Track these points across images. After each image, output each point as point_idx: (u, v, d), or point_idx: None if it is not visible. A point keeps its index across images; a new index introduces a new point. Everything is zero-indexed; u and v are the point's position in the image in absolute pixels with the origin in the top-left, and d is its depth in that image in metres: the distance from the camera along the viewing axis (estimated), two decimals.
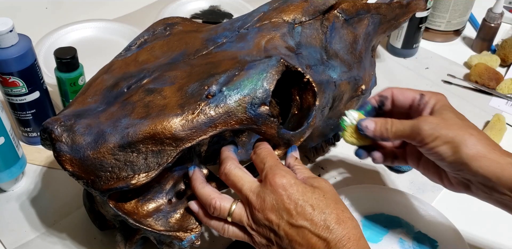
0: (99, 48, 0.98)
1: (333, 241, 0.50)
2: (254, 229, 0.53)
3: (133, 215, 0.57)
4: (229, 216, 0.54)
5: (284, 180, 0.52)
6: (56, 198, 0.73)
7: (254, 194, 0.53)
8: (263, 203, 0.52)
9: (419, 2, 0.79)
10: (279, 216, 0.52)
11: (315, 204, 0.52)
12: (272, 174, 0.53)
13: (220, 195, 0.55)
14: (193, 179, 0.57)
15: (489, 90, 0.95)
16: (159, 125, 0.54)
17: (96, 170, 0.55)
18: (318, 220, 0.51)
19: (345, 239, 0.50)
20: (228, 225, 0.55)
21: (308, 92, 0.62)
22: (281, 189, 0.52)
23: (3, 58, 0.68)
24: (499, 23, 1.00)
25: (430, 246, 0.69)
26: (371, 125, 0.61)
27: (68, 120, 0.57)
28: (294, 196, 0.52)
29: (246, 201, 0.53)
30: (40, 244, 0.68)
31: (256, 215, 0.52)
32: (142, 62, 0.64)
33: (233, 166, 0.56)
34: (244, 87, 0.56)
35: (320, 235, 0.51)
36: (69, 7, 1.11)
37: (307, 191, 0.52)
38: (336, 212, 0.52)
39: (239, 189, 0.54)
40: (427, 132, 0.57)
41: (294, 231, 0.51)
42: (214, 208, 0.54)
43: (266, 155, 0.56)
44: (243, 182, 0.54)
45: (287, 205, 0.51)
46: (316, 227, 0.51)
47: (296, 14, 0.66)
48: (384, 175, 0.80)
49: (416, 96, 0.62)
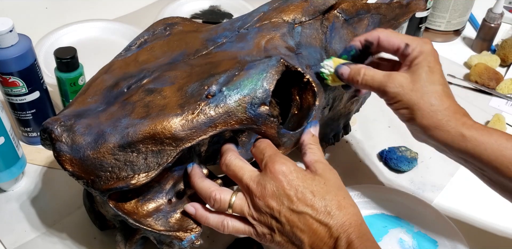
0: (99, 48, 0.98)
1: (334, 226, 0.51)
2: (255, 218, 0.53)
3: (133, 215, 0.57)
4: (230, 208, 0.54)
5: (284, 167, 0.53)
6: (56, 198, 0.74)
7: (254, 182, 0.53)
8: (263, 190, 0.52)
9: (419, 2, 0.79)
10: (280, 203, 0.52)
11: (315, 190, 0.52)
12: (271, 162, 0.53)
13: (219, 187, 0.55)
14: (192, 175, 0.58)
15: (489, 90, 0.95)
16: (159, 124, 0.54)
17: (96, 170, 0.55)
18: (319, 206, 0.51)
19: (347, 224, 0.51)
20: (227, 221, 0.55)
21: (308, 92, 0.62)
22: (281, 176, 0.52)
23: (3, 58, 0.68)
24: (499, 23, 1.00)
25: (430, 246, 0.69)
26: (346, 72, 0.60)
27: (68, 120, 0.57)
28: (294, 182, 0.52)
29: (247, 190, 0.54)
30: (40, 244, 0.68)
31: (257, 203, 0.53)
32: (142, 62, 0.64)
33: (233, 156, 0.56)
34: (244, 87, 0.56)
35: (321, 220, 0.51)
36: (69, 7, 1.11)
37: (308, 178, 0.53)
38: (337, 198, 0.52)
39: (239, 179, 0.54)
40: (391, 93, 0.58)
41: (295, 217, 0.51)
42: (214, 200, 0.54)
43: (265, 146, 0.56)
44: (243, 171, 0.54)
45: (287, 191, 0.52)
46: (317, 213, 0.51)
47: (296, 14, 0.66)
48: (384, 175, 0.80)
49: (401, 45, 0.59)
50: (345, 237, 0.50)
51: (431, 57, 0.58)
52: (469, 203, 0.76)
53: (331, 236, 0.51)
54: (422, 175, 0.80)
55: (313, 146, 0.58)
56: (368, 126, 0.87)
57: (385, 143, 0.84)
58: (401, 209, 0.73)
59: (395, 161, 0.79)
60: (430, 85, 0.57)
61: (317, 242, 0.51)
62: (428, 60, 0.58)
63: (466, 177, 0.80)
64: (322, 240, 0.51)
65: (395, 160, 0.79)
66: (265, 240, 0.54)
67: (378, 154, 0.82)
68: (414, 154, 0.80)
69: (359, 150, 0.83)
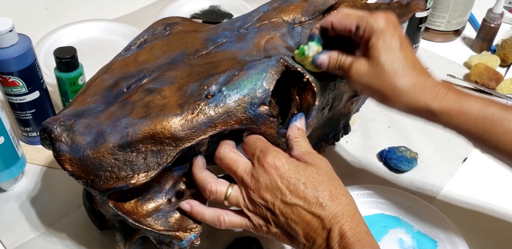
0: (99, 48, 0.98)
1: (326, 218, 0.51)
2: (250, 210, 0.54)
3: (132, 215, 0.57)
4: (226, 200, 0.55)
5: (275, 160, 0.53)
6: (56, 198, 0.74)
7: (248, 175, 0.53)
8: (257, 183, 0.53)
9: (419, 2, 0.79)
10: (274, 195, 0.52)
11: (307, 181, 0.52)
12: (263, 155, 0.54)
13: (216, 179, 0.56)
14: (194, 164, 0.58)
15: (489, 90, 0.95)
16: (159, 124, 0.54)
17: (96, 169, 0.55)
18: (310, 198, 0.52)
19: (339, 216, 0.51)
20: (223, 216, 0.55)
21: (308, 92, 0.62)
22: (272, 169, 0.53)
23: (3, 58, 0.68)
24: (499, 23, 1.00)
25: (430, 246, 0.69)
26: (322, 61, 0.59)
27: (67, 120, 0.57)
28: (286, 175, 0.52)
29: (241, 183, 0.54)
30: (40, 244, 0.68)
31: (251, 196, 0.53)
32: (142, 62, 0.64)
33: (227, 149, 0.56)
34: (243, 87, 0.56)
35: (314, 212, 0.51)
36: (69, 7, 1.11)
37: (300, 169, 0.53)
38: (329, 189, 0.52)
39: (234, 171, 0.55)
40: (355, 82, 0.57)
41: (288, 209, 0.52)
42: (210, 191, 0.55)
43: (255, 141, 0.56)
44: (237, 164, 0.55)
45: (279, 184, 0.52)
46: (309, 204, 0.51)
47: (296, 14, 0.66)
48: (384, 175, 0.80)
49: (352, 28, 0.57)
50: (338, 228, 0.50)
51: (385, 34, 0.55)
52: (469, 203, 0.76)
53: (324, 228, 0.51)
54: (422, 175, 0.80)
55: (299, 139, 0.57)
56: (368, 126, 0.87)
57: (385, 143, 0.84)
58: (401, 209, 0.73)
59: (395, 161, 0.79)
60: (390, 67, 0.55)
61: (311, 233, 0.52)
62: (383, 39, 0.55)
63: (466, 177, 0.80)
64: (315, 232, 0.51)
65: (395, 160, 0.79)
66: (262, 232, 0.55)
67: (378, 154, 0.82)
68: (414, 154, 0.80)
69: (359, 150, 0.83)
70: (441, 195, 0.77)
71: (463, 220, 0.73)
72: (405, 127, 0.87)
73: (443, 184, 0.79)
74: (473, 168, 0.82)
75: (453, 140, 0.85)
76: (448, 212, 0.73)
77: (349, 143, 0.84)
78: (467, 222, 0.73)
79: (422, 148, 0.83)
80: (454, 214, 0.74)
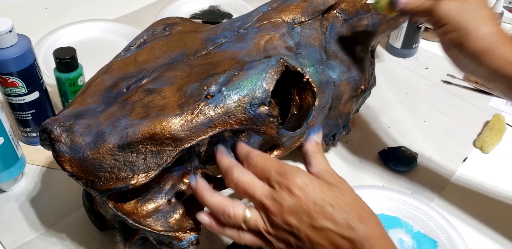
0: (99, 48, 0.98)
1: (358, 241, 0.48)
2: (271, 234, 0.51)
3: (132, 215, 0.57)
4: (244, 223, 0.51)
5: (298, 180, 0.50)
6: (55, 198, 0.73)
7: (268, 198, 0.50)
8: (280, 208, 0.49)
9: None
10: (299, 219, 0.49)
11: (334, 202, 0.49)
12: (282, 176, 0.50)
13: (231, 202, 0.52)
14: (199, 189, 0.54)
15: (488, 90, 0.95)
16: (158, 125, 0.54)
17: (96, 170, 0.55)
18: (339, 219, 0.49)
19: (370, 237, 0.49)
20: (244, 233, 0.52)
21: (308, 93, 0.62)
22: (297, 191, 0.49)
23: (2, 58, 0.68)
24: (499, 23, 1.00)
25: (429, 246, 0.69)
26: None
27: (67, 120, 0.57)
28: (311, 196, 0.49)
29: (261, 207, 0.51)
30: (39, 245, 0.68)
31: (273, 220, 0.50)
32: (142, 62, 0.64)
33: (240, 173, 0.52)
34: (243, 88, 0.56)
35: (344, 235, 0.48)
36: (69, 7, 1.11)
37: (324, 189, 0.50)
38: (356, 210, 0.50)
39: (251, 196, 0.51)
40: (439, 15, 0.57)
41: (316, 233, 0.49)
42: (228, 216, 0.51)
43: (265, 162, 0.53)
44: (253, 188, 0.51)
45: (305, 207, 0.49)
46: (339, 227, 0.49)
47: (296, 14, 0.66)
48: (384, 175, 0.80)
49: None
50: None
51: None
52: (469, 203, 0.76)
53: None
54: (422, 175, 0.80)
55: (318, 155, 0.54)
56: (368, 126, 0.87)
57: (385, 143, 0.84)
58: (401, 209, 0.72)
59: (395, 161, 0.79)
60: (479, 10, 0.57)
61: None
62: None
63: (466, 177, 0.80)
64: None
65: (395, 160, 0.79)
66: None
67: (378, 154, 0.82)
68: (414, 154, 0.80)
69: (359, 150, 0.83)
70: (441, 195, 0.77)
71: (463, 220, 0.73)
72: (405, 127, 0.87)
73: (443, 184, 0.79)
74: (473, 168, 0.82)
75: (453, 140, 0.86)
76: (448, 212, 0.73)
77: (349, 143, 0.84)
78: (467, 222, 0.73)
79: (422, 148, 0.83)
80: (454, 214, 0.73)
